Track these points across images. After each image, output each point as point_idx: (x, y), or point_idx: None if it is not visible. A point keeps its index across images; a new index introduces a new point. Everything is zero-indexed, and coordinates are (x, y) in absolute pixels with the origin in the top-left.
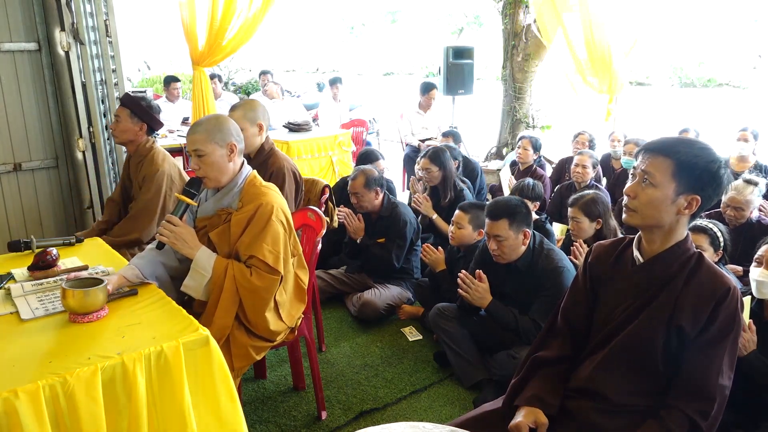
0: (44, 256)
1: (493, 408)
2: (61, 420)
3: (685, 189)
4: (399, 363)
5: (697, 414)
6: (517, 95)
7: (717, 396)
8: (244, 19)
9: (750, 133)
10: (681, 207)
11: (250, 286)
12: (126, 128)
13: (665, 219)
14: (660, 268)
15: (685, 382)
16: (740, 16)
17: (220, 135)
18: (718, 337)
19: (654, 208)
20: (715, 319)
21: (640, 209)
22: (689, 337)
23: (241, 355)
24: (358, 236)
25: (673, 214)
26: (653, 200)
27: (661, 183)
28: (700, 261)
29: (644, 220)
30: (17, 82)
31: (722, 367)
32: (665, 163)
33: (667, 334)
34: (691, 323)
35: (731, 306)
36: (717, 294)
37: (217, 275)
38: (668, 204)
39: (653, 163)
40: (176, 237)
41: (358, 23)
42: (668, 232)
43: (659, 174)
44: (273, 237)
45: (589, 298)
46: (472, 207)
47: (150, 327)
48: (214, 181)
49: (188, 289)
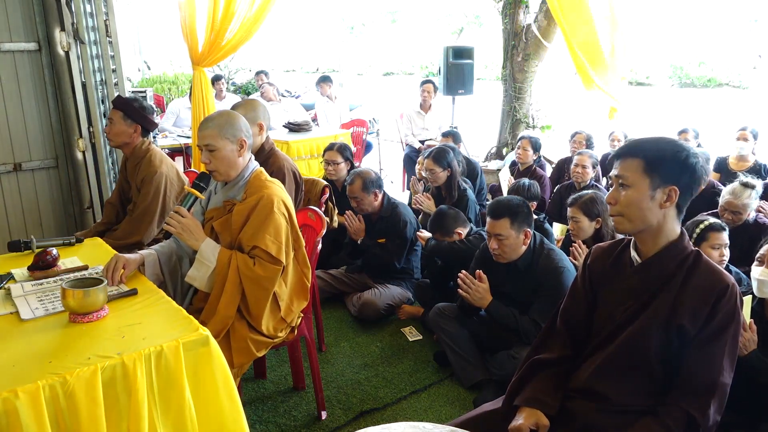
0: (44, 256)
1: (493, 408)
2: (61, 420)
3: (659, 182)
4: (399, 363)
5: (694, 409)
6: (517, 95)
7: (716, 392)
8: (244, 19)
9: (749, 132)
10: (661, 201)
11: (254, 275)
12: (120, 131)
13: (651, 217)
14: (658, 268)
15: (684, 379)
16: (740, 16)
17: (231, 131)
18: (717, 333)
19: (636, 208)
20: (714, 315)
21: (625, 213)
22: (689, 336)
23: (241, 350)
24: (359, 237)
25: (656, 209)
26: (632, 200)
27: (635, 182)
28: (698, 259)
29: (633, 224)
30: (17, 82)
31: (722, 365)
32: (635, 163)
33: (667, 334)
34: (691, 321)
35: (730, 302)
36: (716, 291)
37: (221, 266)
38: (648, 201)
39: (624, 166)
40: (183, 228)
41: (358, 23)
42: (658, 229)
43: (631, 174)
44: (275, 228)
45: (588, 299)
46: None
47: (150, 327)
48: (224, 175)
49: (192, 280)
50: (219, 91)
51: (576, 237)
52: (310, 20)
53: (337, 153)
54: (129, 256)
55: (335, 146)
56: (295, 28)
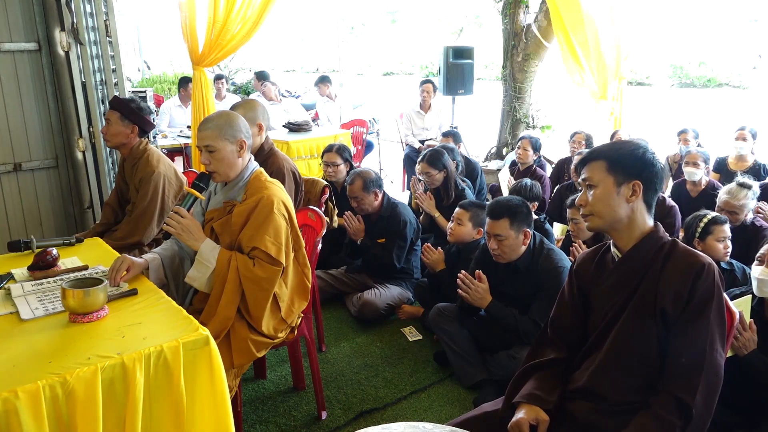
0: (44, 256)
1: (493, 408)
2: (61, 420)
3: (622, 178)
4: (399, 363)
5: (683, 392)
6: (517, 95)
7: (703, 372)
8: (245, 19)
9: (748, 132)
10: (627, 195)
11: (253, 277)
12: (117, 131)
13: (620, 211)
14: (636, 259)
15: (671, 363)
16: (740, 16)
17: (231, 131)
18: (698, 312)
19: (604, 205)
20: (693, 295)
21: (594, 211)
22: (672, 319)
23: (241, 350)
24: (359, 237)
25: (623, 204)
26: (600, 198)
27: (600, 181)
28: (674, 246)
29: (603, 220)
30: (17, 82)
31: (706, 344)
32: (598, 164)
33: (655, 322)
34: (673, 305)
35: (708, 279)
36: (693, 270)
37: (220, 266)
38: (614, 196)
39: (589, 169)
40: (182, 228)
41: (358, 23)
42: (630, 223)
43: (596, 174)
44: (275, 229)
45: (577, 305)
46: (473, 205)
47: (150, 327)
48: (223, 176)
49: (192, 281)
50: (219, 91)
51: (576, 238)
52: (310, 20)
53: (337, 154)
54: (135, 259)
55: (334, 147)
56: (295, 28)
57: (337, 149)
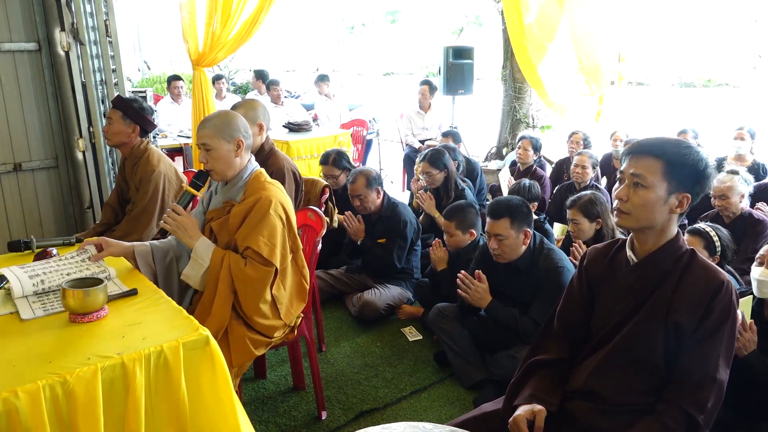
0: (44, 256)
1: (493, 408)
2: (62, 420)
3: (676, 188)
4: (399, 363)
5: (693, 407)
6: (517, 95)
7: (713, 389)
8: (244, 19)
9: (746, 131)
10: (673, 206)
11: (244, 276)
12: (118, 130)
13: (658, 219)
14: (654, 266)
15: (681, 376)
16: (740, 16)
17: (228, 131)
18: (714, 330)
19: (648, 210)
20: (710, 313)
21: (634, 212)
22: (686, 333)
23: (239, 349)
24: (359, 238)
25: (665, 213)
26: (647, 202)
27: (653, 184)
28: (693, 257)
29: (638, 222)
30: (17, 82)
31: (718, 361)
32: (655, 164)
33: (664, 332)
34: (687, 319)
35: (726, 298)
36: (711, 288)
37: (214, 265)
38: (661, 204)
39: (643, 165)
40: (178, 226)
41: (358, 23)
42: (660, 231)
43: (650, 175)
44: (269, 230)
45: (585, 301)
46: (452, 211)
47: (150, 327)
48: (221, 175)
49: (187, 278)
50: (219, 91)
51: (576, 238)
52: (310, 20)
53: (333, 167)
54: (115, 241)
55: (330, 159)
56: (295, 28)
57: (333, 160)
